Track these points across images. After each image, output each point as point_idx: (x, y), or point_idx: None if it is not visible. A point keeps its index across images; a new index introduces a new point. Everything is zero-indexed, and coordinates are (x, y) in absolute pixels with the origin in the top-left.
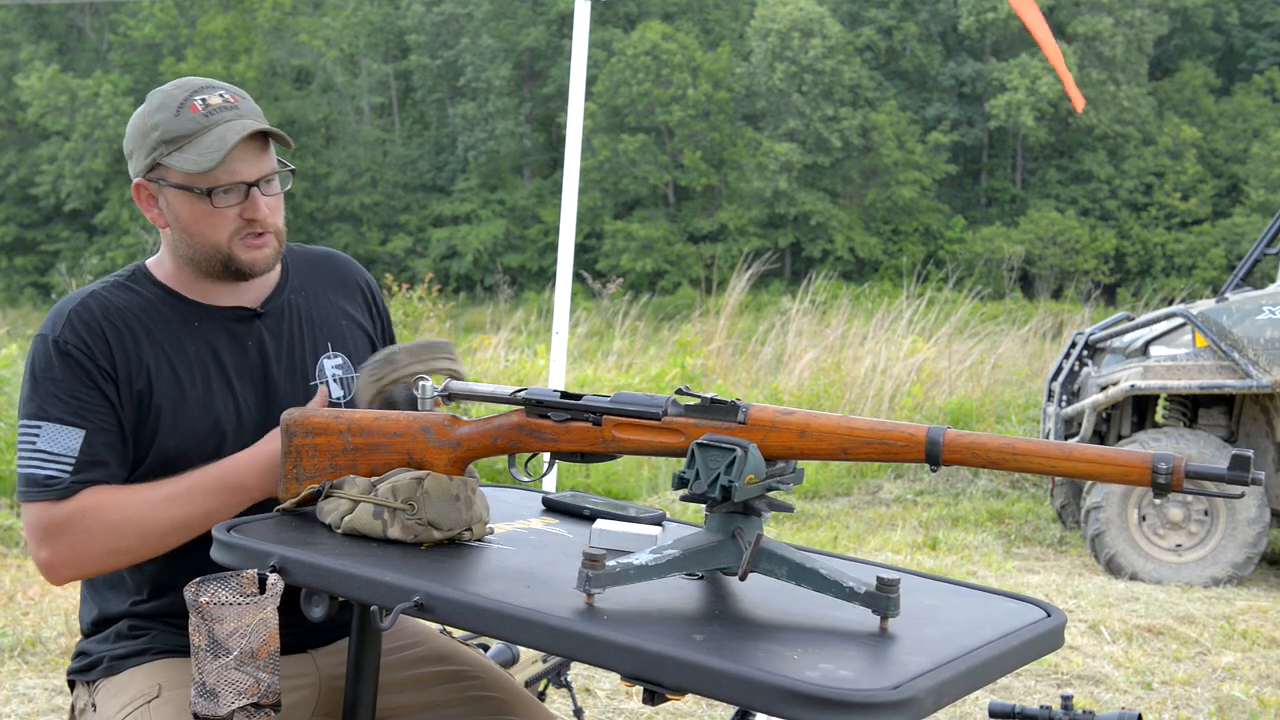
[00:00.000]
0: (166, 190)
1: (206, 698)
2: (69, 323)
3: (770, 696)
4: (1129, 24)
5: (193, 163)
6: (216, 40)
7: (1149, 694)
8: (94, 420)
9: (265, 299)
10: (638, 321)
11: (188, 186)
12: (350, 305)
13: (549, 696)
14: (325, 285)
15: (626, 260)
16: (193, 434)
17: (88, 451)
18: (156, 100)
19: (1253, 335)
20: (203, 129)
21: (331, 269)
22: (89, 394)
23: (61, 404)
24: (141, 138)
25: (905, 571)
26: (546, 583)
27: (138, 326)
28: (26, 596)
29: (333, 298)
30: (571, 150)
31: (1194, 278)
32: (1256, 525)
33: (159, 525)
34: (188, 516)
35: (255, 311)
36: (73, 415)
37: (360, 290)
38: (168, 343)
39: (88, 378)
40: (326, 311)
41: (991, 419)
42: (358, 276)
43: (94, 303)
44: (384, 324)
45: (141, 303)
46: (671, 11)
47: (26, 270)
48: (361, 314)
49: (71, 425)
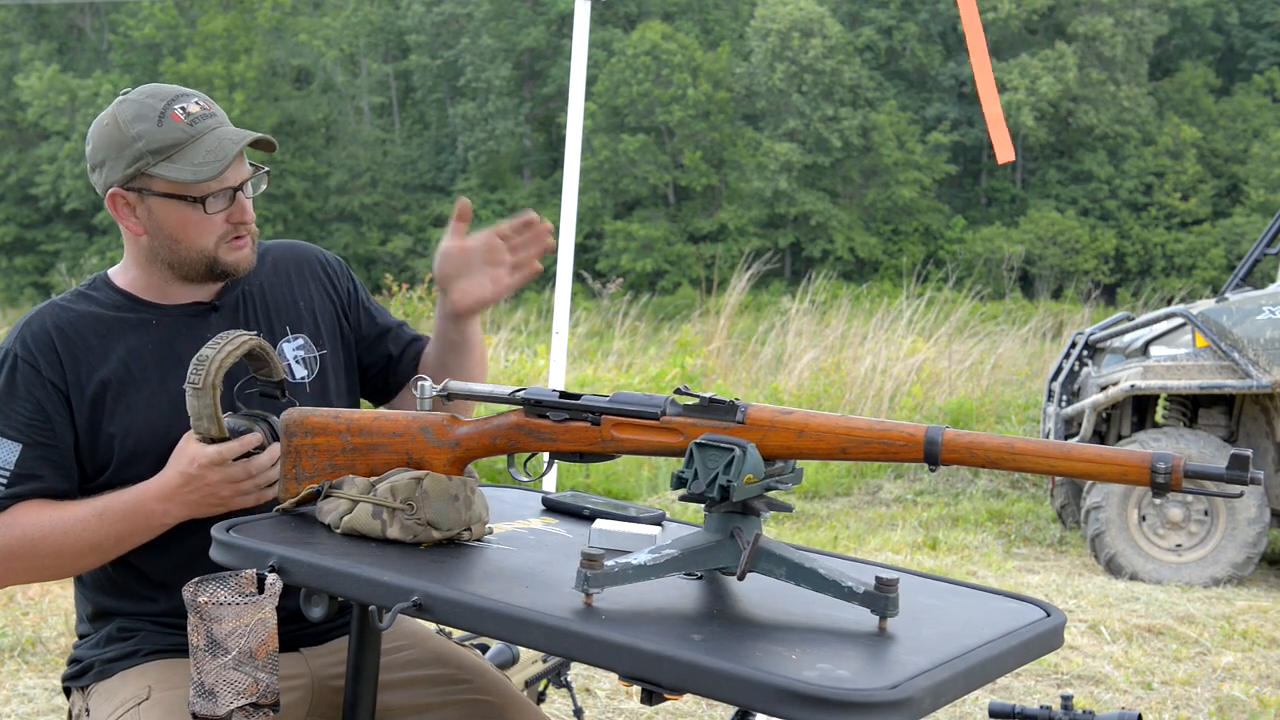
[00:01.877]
0: (150, 199)
1: (205, 697)
2: (20, 336)
3: (768, 696)
4: (1129, 24)
5: (189, 173)
6: (216, 40)
7: (1149, 694)
8: (30, 434)
9: (220, 291)
10: (638, 321)
11: (179, 195)
12: (309, 286)
13: (549, 696)
14: (281, 272)
15: (626, 260)
16: (150, 432)
17: (22, 465)
18: (131, 110)
19: (1253, 335)
20: (190, 139)
21: (288, 255)
22: (28, 408)
23: (2, 416)
24: (119, 148)
25: (905, 571)
26: (545, 583)
27: (90, 334)
28: (26, 596)
29: (291, 282)
30: (571, 150)
31: (1194, 278)
32: (1256, 525)
33: (72, 546)
34: (100, 540)
35: (211, 305)
36: (10, 428)
37: (320, 268)
38: (123, 346)
39: (28, 391)
40: (284, 296)
41: (991, 419)
42: (315, 255)
43: (48, 314)
44: (350, 296)
45: (98, 310)
46: (671, 11)
47: (26, 270)
48: (321, 290)
49: (8, 439)
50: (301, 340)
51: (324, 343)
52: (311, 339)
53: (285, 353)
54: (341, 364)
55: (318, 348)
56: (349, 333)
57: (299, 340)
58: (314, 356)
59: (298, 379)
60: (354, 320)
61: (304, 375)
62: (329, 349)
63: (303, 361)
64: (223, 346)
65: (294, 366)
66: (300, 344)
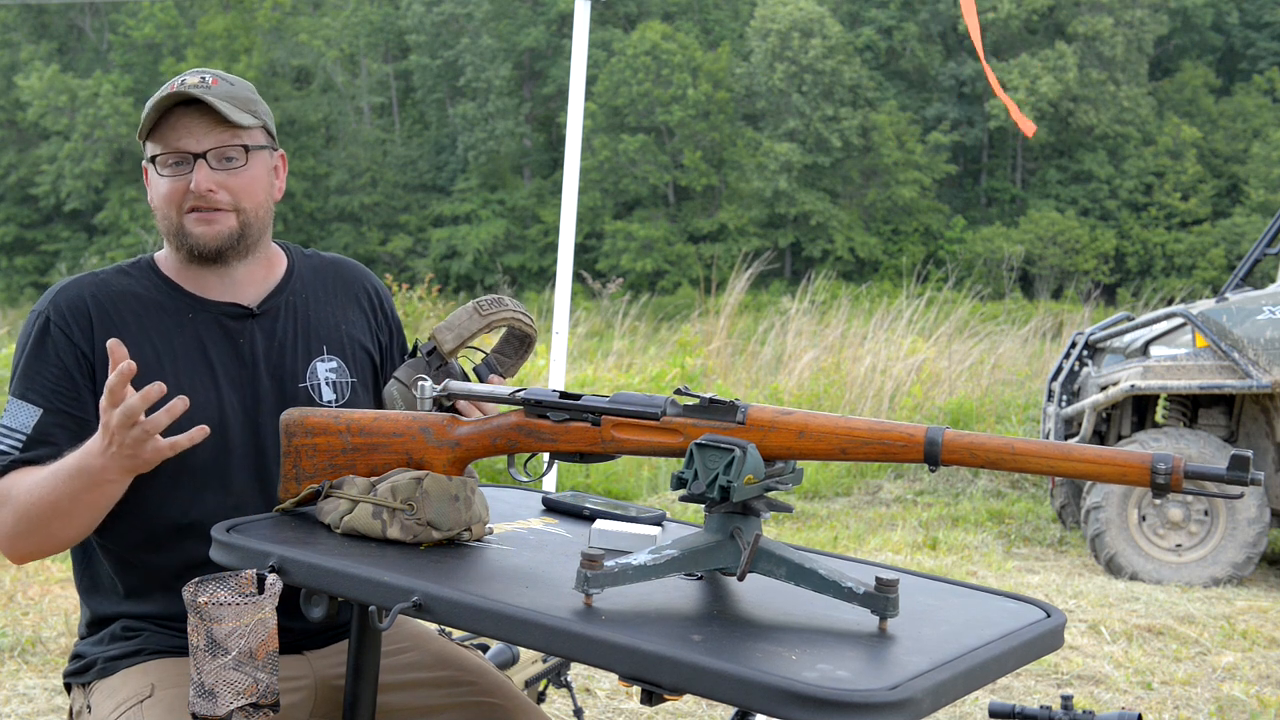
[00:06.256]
0: (147, 168)
1: (205, 698)
2: (54, 301)
3: (768, 697)
4: (1129, 24)
5: (141, 131)
6: (216, 40)
7: (1149, 694)
8: (53, 400)
9: (263, 298)
10: (637, 321)
11: (150, 160)
12: (352, 311)
13: (549, 696)
14: (328, 290)
15: (626, 260)
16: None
17: (39, 430)
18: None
19: (1253, 335)
20: (169, 97)
21: (336, 275)
22: (54, 373)
23: (27, 380)
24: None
25: (905, 572)
26: (545, 583)
27: (128, 313)
28: (26, 596)
29: (335, 303)
30: (571, 150)
31: (1194, 278)
32: (1256, 525)
33: (35, 506)
34: (58, 498)
35: (251, 310)
36: (34, 392)
37: (366, 295)
38: (157, 333)
39: (57, 357)
40: (325, 315)
41: (991, 419)
42: (364, 282)
43: (87, 284)
44: (393, 331)
45: (138, 290)
46: (671, 11)
47: (26, 270)
48: (363, 320)
49: (31, 403)
50: (336, 363)
51: (356, 370)
52: (345, 364)
53: (318, 372)
54: (370, 397)
55: (350, 374)
56: (380, 370)
57: (333, 363)
58: (346, 382)
59: (325, 401)
60: (390, 364)
61: (332, 399)
62: (359, 378)
63: (333, 385)
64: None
65: (324, 388)
66: (334, 366)
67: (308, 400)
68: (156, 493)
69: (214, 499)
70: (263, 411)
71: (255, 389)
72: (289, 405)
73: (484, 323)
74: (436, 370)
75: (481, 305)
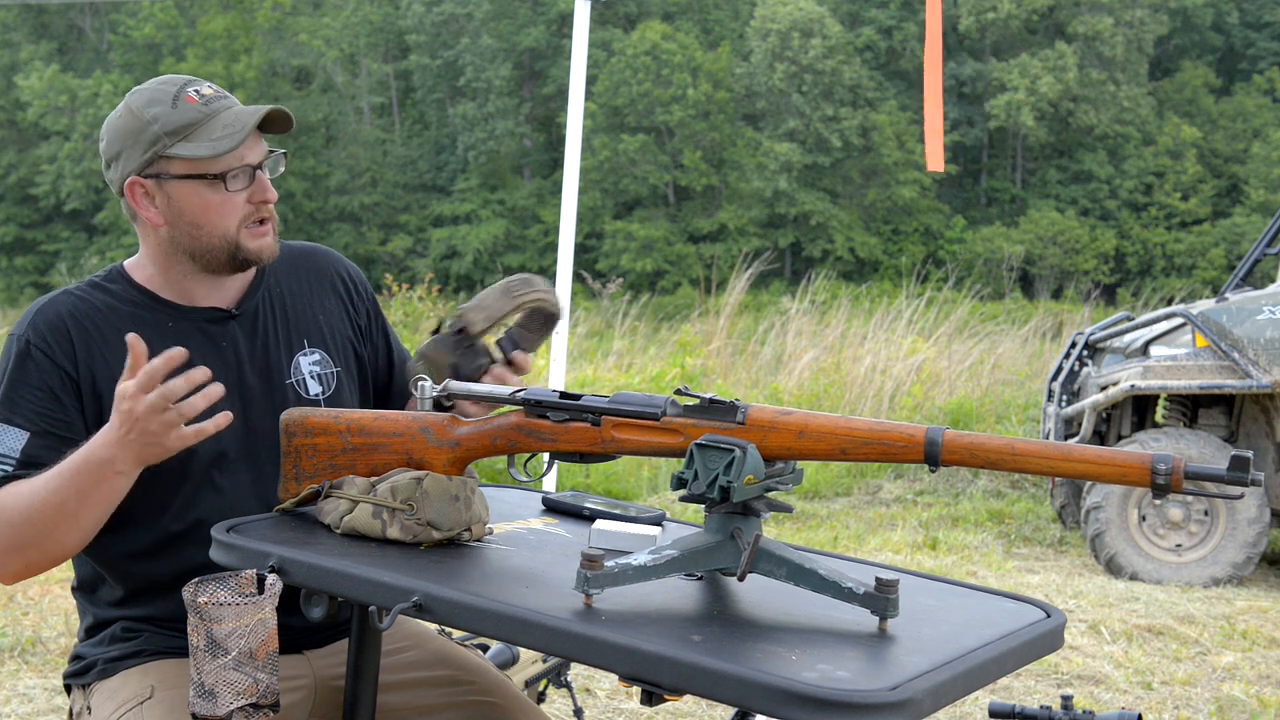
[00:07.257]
0: (169, 184)
1: (205, 698)
2: (32, 323)
3: (768, 697)
4: (1129, 24)
5: (207, 148)
6: (216, 40)
7: (1149, 694)
8: (39, 422)
9: (240, 299)
10: (637, 321)
11: (199, 174)
12: (329, 300)
13: (549, 696)
14: (302, 281)
15: (626, 260)
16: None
17: (28, 453)
18: (144, 98)
19: (1253, 335)
20: (206, 117)
21: (309, 265)
22: (39, 395)
23: (11, 405)
24: (134, 135)
25: (905, 572)
26: (545, 583)
27: (108, 328)
28: (26, 596)
29: (311, 293)
30: (571, 150)
31: (1194, 278)
32: (1256, 525)
33: (34, 511)
34: (63, 499)
35: (230, 313)
36: (19, 416)
37: (340, 281)
38: None
39: (41, 380)
40: (303, 308)
41: (991, 419)
42: (337, 268)
43: (64, 302)
44: (370, 313)
45: (115, 304)
46: (671, 11)
47: (26, 270)
48: (340, 307)
49: (17, 426)
50: (318, 355)
51: (339, 359)
52: (328, 355)
53: (301, 367)
54: (355, 383)
55: (334, 364)
56: (364, 354)
57: (315, 355)
58: (330, 373)
59: (312, 395)
60: (370, 345)
61: (319, 392)
62: (343, 366)
63: (318, 378)
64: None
65: (309, 382)
66: (317, 359)
67: (295, 396)
68: (153, 499)
69: (209, 503)
70: (253, 412)
71: (243, 390)
72: (277, 403)
73: (514, 304)
74: (465, 351)
75: (512, 286)
